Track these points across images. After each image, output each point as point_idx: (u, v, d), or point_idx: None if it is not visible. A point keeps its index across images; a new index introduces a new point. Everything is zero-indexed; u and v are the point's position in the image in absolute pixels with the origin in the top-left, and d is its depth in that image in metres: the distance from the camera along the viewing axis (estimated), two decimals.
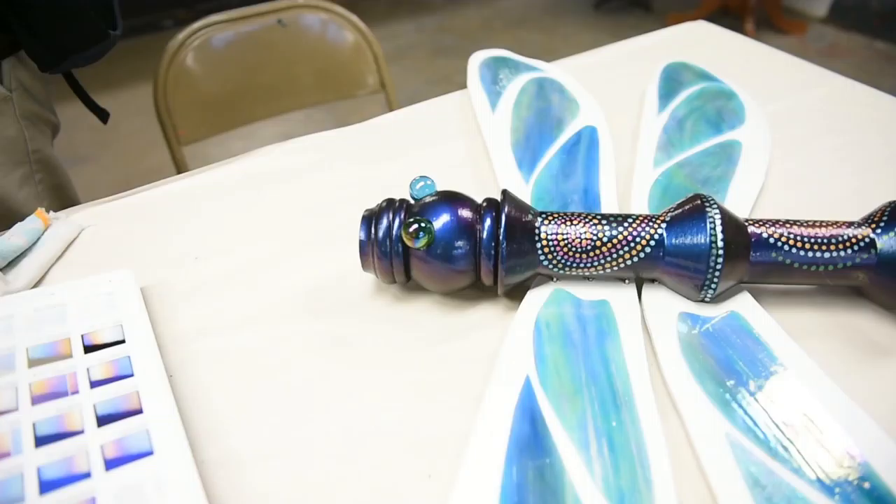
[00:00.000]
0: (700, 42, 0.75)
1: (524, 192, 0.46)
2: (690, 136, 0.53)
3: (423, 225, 0.36)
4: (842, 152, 0.54)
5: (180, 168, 0.87)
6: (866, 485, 0.29)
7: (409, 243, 0.36)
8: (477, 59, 0.65)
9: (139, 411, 0.33)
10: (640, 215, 0.38)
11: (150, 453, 0.31)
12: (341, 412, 0.34)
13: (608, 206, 0.45)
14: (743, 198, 0.46)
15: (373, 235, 0.38)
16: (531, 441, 0.30)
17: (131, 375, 0.35)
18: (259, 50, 0.90)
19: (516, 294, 0.40)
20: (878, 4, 2.33)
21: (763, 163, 0.50)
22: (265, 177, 0.53)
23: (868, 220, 0.38)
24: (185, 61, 0.85)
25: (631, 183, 0.48)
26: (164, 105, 0.84)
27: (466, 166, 0.53)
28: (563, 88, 0.59)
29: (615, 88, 0.63)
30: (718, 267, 0.35)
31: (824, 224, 0.37)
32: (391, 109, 0.92)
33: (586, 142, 0.51)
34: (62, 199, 0.67)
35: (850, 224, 0.38)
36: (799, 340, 0.37)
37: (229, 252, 0.45)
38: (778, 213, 0.46)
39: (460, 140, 0.57)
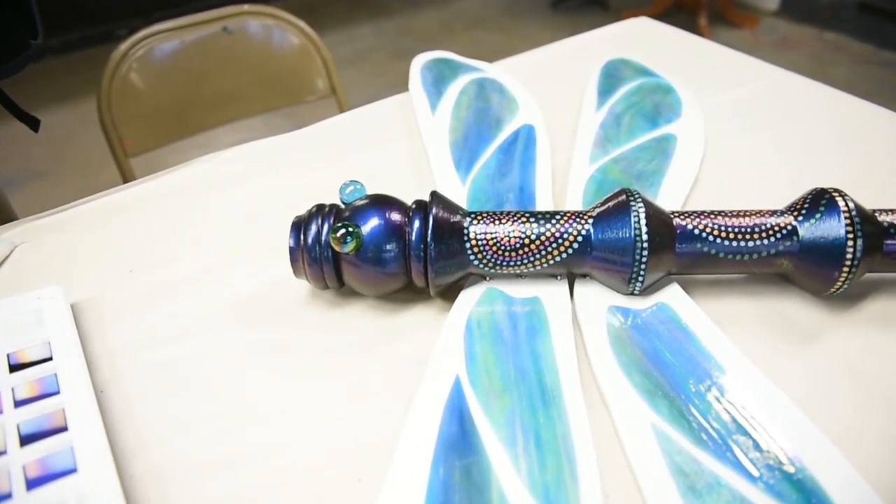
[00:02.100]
0: (642, 38, 0.76)
1: (461, 193, 0.46)
2: (627, 132, 0.53)
3: (350, 229, 0.36)
4: (777, 143, 0.55)
5: (128, 180, 0.85)
6: (790, 470, 0.29)
7: (337, 248, 0.36)
8: (419, 62, 0.65)
9: (64, 429, 0.32)
10: (568, 212, 0.38)
11: (73, 471, 0.30)
12: (274, 421, 0.34)
13: (543, 203, 0.45)
14: (676, 190, 0.47)
15: (302, 242, 0.37)
16: (459, 440, 0.30)
17: (57, 393, 0.34)
18: (205, 58, 0.89)
19: (451, 294, 0.40)
20: None
21: (697, 156, 0.51)
22: (203, 186, 0.52)
23: (791, 209, 0.39)
24: (129, 72, 0.84)
25: (567, 180, 0.49)
26: (108, 117, 0.83)
27: (408, 168, 0.53)
28: (503, 88, 0.59)
29: (557, 86, 0.64)
30: (644, 260, 0.36)
31: (748, 214, 0.38)
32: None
33: (523, 140, 0.51)
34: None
35: (773, 213, 0.38)
36: (728, 328, 0.37)
37: (165, 264, 0.45)
38: (712, 204, 0.46)
39: (402, 142, 0.57)
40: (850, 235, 0.36)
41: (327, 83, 0.93)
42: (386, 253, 0.37)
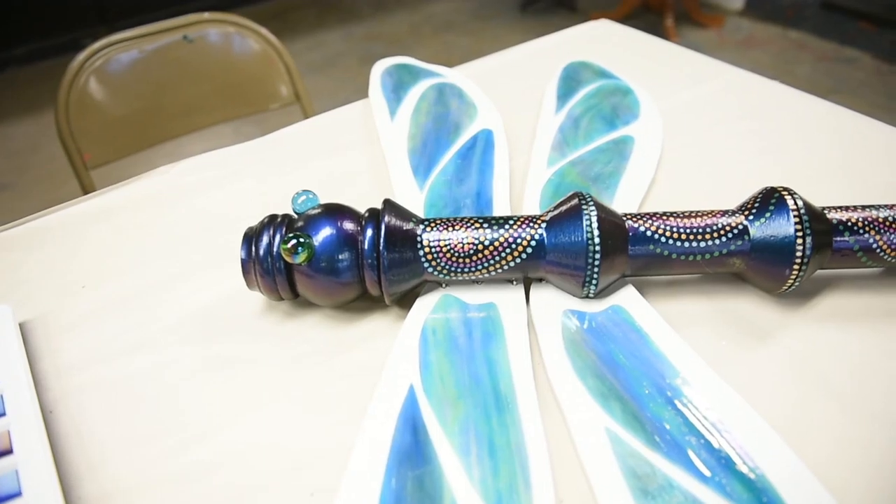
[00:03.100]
0: (602, 40, 0.76)
1: (418, 199, 0.46)
2: (585, 134, 0.53)
3: (301, 240, 0.35)
4: (733, 142, 0.56)
5: (89, 193, 0.84)
6: (742, 469, 0.29)
7: (288, 259, 0.35)
8: (379, 68, 0.64)
9: (9, 452, 0.31)
10: (522, 217, 0.38)
11: (18, 494, 0.29)
12: (228, 435, 0.34)
13: (500, 208, 0.45)
14: (633, 192, 0.47)
15: (254, 253, 0.37)
16: (412, 450, 0.30)
17: (3, 415, 0.33)
18: (166, 67, 0.88)
19: (408, 302, 0.39)
20: None
21: (654, 157, 0.52)
22: (160, 197, 0.51)
23: (742, 208, 0.39)
24: (87, 83, 0.83)
25: (525, 184, 0.49)
26: (66, 129, 0.81)
27: (367, 176, 0.53)
28: (462, 93, 0.59)
29: (518, 90, 0.64)
30: (597, 263, 0.36)
31: (700, 214, 0.39)
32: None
33: (482, 145, 0.51)
34: None
35: (724, 213, 0.39)
36: (682, 329, 0.38)
37: (118, 278, 0.44)
38: (669, 204, 0.47)
39: (362, 149, 0.56)
40: (800, 233, 0.36)
41: (291, 90, 0.93)
42: (339, 262, 0.36)
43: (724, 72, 0.68)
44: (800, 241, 0.36)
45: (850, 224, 0.39)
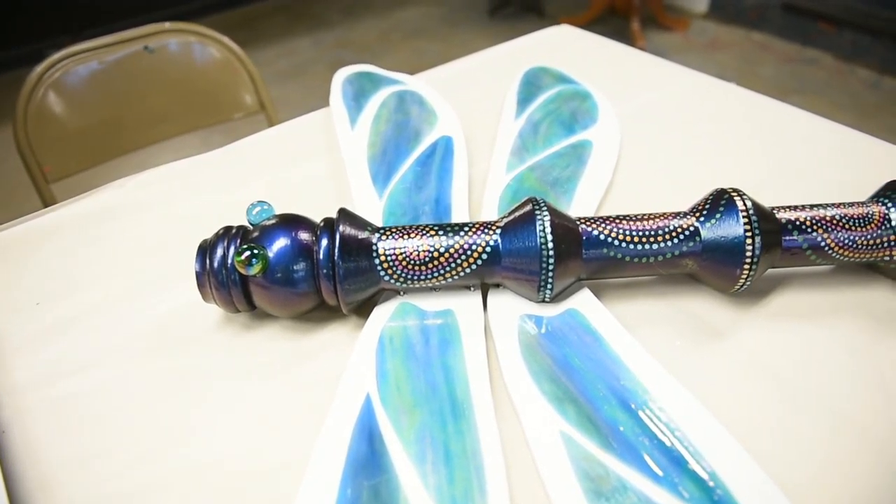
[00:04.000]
0: (563, 46, 0.77)
1: (377, 207, 0.46)
2: (544, 139, 0.54)
3: (255, 251, 0.35)
4: (689, 144, 0.57)
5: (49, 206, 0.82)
6: (695, 469, 0.30)
7: (242, 271, 0.35)
8: (341, 76, 0.64)
9: None
10: (477, 223, 0.38)
11: None
12: (186, 449, 0.33)
13: (459, 215, 0.45)
14: (590, 196, 0.48)
15: (208, 266, 0.37)
16: (368, 460, 0.30)
17: None
18: (127, 78, 0.87)
19: (366, 310, 0.39)
20: None
21: (611, 161, 0.52)
22: (116, 211, 0.51)
23: (693, 210, 0.40)
24: (46, 95, 0.81)
25: (484, 190, 0.49)
26: (25, 142, 0.80)
27: (328, 184, 0.53)
28: (422, 100, 0.59)
29: (480, 96, 0.64)
30: (551, 267, 0.36)
31: (652, 217, 0.39)
32: None
33: (441, 152, 0.51)
34: None
35: (676, 215, 0.39)
36: (638, 330, 0.38)
37: (72, 295, 0.43)
38: (626, 207, 0.47)
39: (323, 158, 0.56)
40: (749, 234, 0.37)
41: (256, 99, 0.92)
42: (295, 273, 0.36)
43: (681, 75, 0.69)
44: (749, 241, 0.37)
45: (798, 223, 0.39)
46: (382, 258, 0.37)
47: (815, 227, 0.39)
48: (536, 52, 0.74)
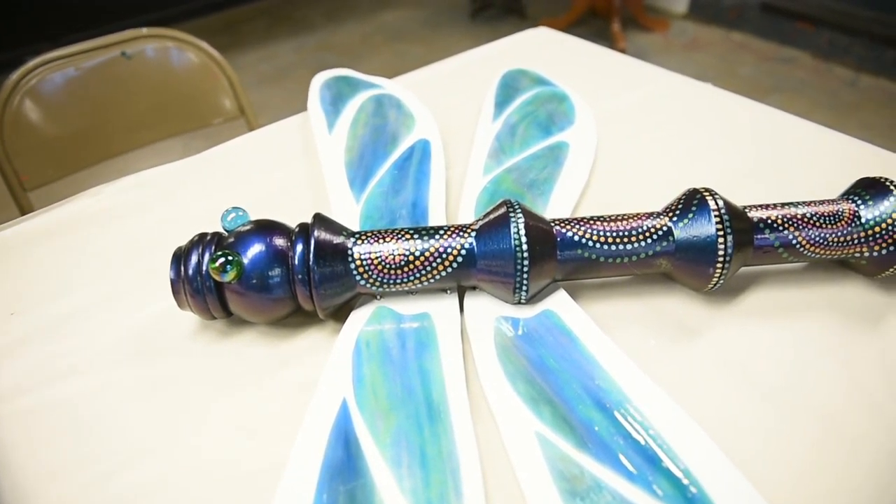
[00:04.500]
0: (541, 48, 0.77)
1: (354, 212, 0.46)
2: (521, 142, 0.54)
3: (230, 258, 0.35)
4: (665, 145, 0.57)
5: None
6: (669, 467, 0.30)
7: (217, 277, 0.35)
8: (319, 80, 0.64)
9: None
10: (452, 226, 0.38)
11: None
12: (161, 458, 0.33)
13: (436, 218, 0.45)
14: (566, 197, 0.48)
15: (183, 273, 0.37)
16: (344, 464, 0.30)
17: None
18: (105, 85, 0.86)
19: (344, 315, 0.39)
20: None
21: (588, 162, 0.53)
22: (93, 218, 0.50)
23: (666, 210, 0.40)
24: (23, 102, 0.81)
25: (462, 193, 0.49)
26: (1, 151, 0.79)
27: (305, 190, 0.53)
28: (400, 104, 0.59)
29: (458, 99, 0.65)
30: (526, 269, 0.36)
31: (626, 217, 0.39)
32: None
33: (418, 155, 0.52)
34: None
35: (650, 215, 0.40)
36: (613, 330, 0.38)
37: (47, 304, 0.43)
38: (603, 208, 0.48)
39: (301, 163, 0.56)
40: (721, 233, 0.38)
41: (235, 104, 0.92)
42: (270, 279, 0.36)
43: (657, 76, 0.69)
44: (721, 240, 0.37)
45: (770, 222, 0.40)
46: (358, 262, 0.37)
47: (786, 226, 0.40)
48: (515, 54, 0.74)
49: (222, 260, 0.35)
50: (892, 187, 0.40)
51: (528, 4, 2.64)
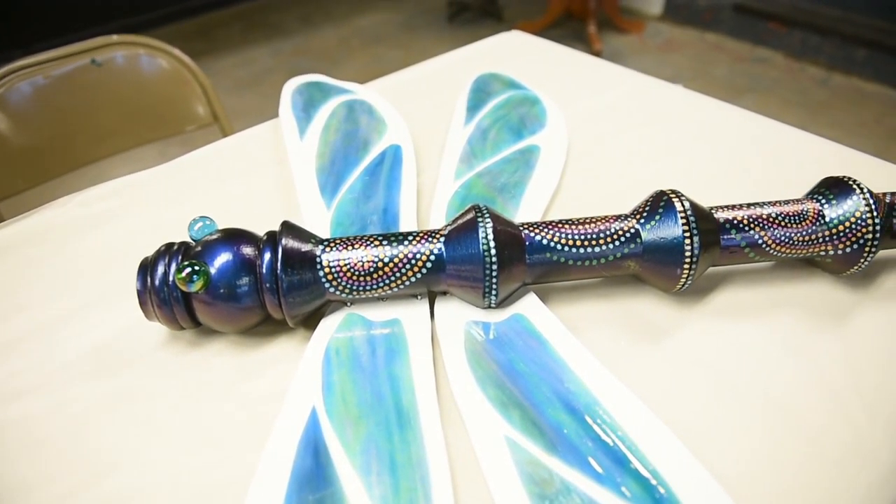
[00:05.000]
0: (514, 51, 0.77)
1: (325, 218, 0.46)
2: (492, 145, 0.54)
3: (196, 268, 0.35)
4: (637, 146, 0.58)
5: None
6: (638, 468, 0.30)
7: (183, 288, 0.35)
8: (290, 86, 0.64)
9: None
10: (421, 232, 0.38)
11: None
12: (127, 472, 0.33)
13: (407, 223, 0.45)
14: (537, 200, 0.48)
15: (149, 284, 0.36)
16: (313, 474, 0.30)
17: None
18: (75, 93, 0.85)
19: (315, 322, 0.39)
20: (704, 0, 2.52)
21: (559, 165, 0.53)
22: (59, 230, 0.50)
23: (634, 213, 0.40)
24: None
25: (433, 197, 0.49)
26: None
27: (276, 197, 0.52)
28: (372, 109, 0.59)
29: (430, 103, 0.65)
30: (494, 274, 0.37)
31: (594, 220, 0.40)
32: None
33: (390, 161, 0.51)
34: None
35: (617, 218, 0.40)
36: (584, 332, 0.39)
37: (13, 317, 0.42)
38: (574, 211, 0.48)
39: (272, 170, 0.56)
40: (687, 234, 0.38)
41: (209, 110, 0.91)
42: (239, 288, 0.36)
43: (628, 78, 0.70)
44: (688, 241, 0.38)
45: (736, 222, 0.40)
46: (327, 270, 0.37)
47: (752, 226, 0.40)
48: (487, 58, 0.75)
49: (189, 270, 0.35)
50: (854, 186, 0.41)
51: (504, 7, 2.66)
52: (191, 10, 2.67)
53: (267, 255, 0.36)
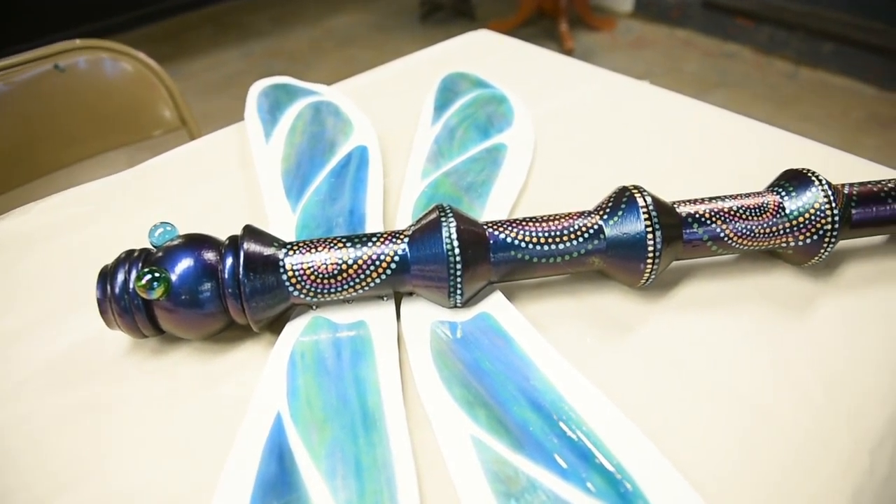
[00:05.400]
0: (482, 50, 0.78)
1: (290, 222, 0.45)
2: (459, 145, 0.54)
3: (157, 274, 0.34)
4: (604, 143, 0.58)
5: None
6: (603, 463, 0.31)
7: (144, 295, 0.34)
8: (256, 89, 0.63)
9: None
10: (385, 233, 0.38)
11: None
12: (93, 484, 0.32)
13: (373, 225, 0.45)
14: (504, 199, 0.48)
15: (109, 292, 0.36)
16: (277, 479, 0.30)
17: None
18: (37, 99, 0.84)
19: (280, 326, 0.39)
20: None
21: (525, 163, 0.53)
22: (20, 239, 0.49)
23: (597, 209, 0.41)
24: None
25: (400, 198, 0.49)
26: None
27: (242, 201, 0.52)
28: (338, 110, 0.59)
29: (398, 103, 0.64)
30: (459, 273, 0.37)
31: (557, 217, 0.40)
32: None
33: (356, 162, 0.51)
34: None
35: (581, 214, 0.40)
36: (550, 329, 0.39)
37: None
38: (541, 209, 0.48)
39: (238, 174, 0.55)
40: (650, 229, 0.38)
41: (176, 114, 0.90)
42: (201, 294, 0.36)
43: (595, 76, 0.70)
44: (650, 236, 0.38)
45: (698, 216, 0.41)
46: (290, 273, 0.37)
47: (714, 220, 0.41)
48: (456, 57, 0.75)
49: (149, 277, 0.34)
50: (813, 178, 0.42)
51: (477, 6, 2.66)
52: (160, 12, 2.64)
53: (229, 260, 0.36)
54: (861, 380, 0.37)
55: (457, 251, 0.36)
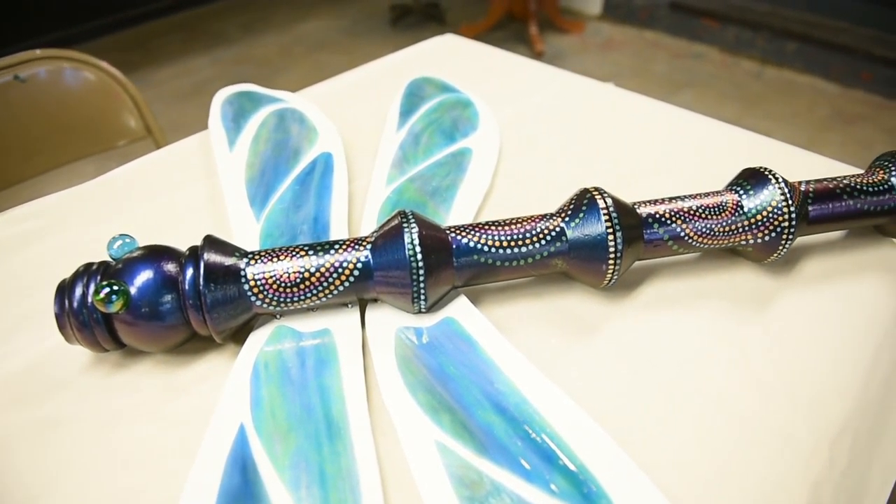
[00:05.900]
0: (448, 55, 0.78)
1: (254, 230, 0.45)
2: (425, 150, 0.54)
3: (115, 287, 0.34)
4: (569, 145, 0.59)
5: None
6: (566, 464, 0.31)
7: (102, 309, 0.34)
8: (220, 97, 0.63)
9: None
10: (347, 240, 0.38)
11: None
12: (55, 500, 0.32)
13: (338, 232, 0.45)
14: (469, 203, 0.48)
15: (67, 306, 0.35)
16: (241, 491, 0.30)
17: None
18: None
19: (244, 336, 0.39)
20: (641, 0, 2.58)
21: (490, 167, 0.53)
22: None
23: (559, 211, 0.41)
24: None
25: (365, 204, 0.49)
26: None
27: (205, 210, 0.51)
28: (303, 118, 0.59)
29: (364, 109, 0.64)
30: (422, 279, 0.37)
31: (520, 221, 0.40)
32: None
33: (321, 169, 0.51)
34: None
35: (543, 217, 0.41)
36: (515, 331, 0.39)
37: None
38: (506, 212, 0.48)
39: (202, 183, 0.55)
40: (610, 230, 0.39)
41: (141, 123, 0.89)
42: (162, 306, 0.35)
43: (560, 78, 0.71)
44: (611, 237, 0.39)
45: (658, 216, 0.41)
46: (252, 283, 0.36)
47: (674, 219, 0.41)
48: (422, 62, 0.75)
49: (107, 290, 0.34)
50: (770, 176, 0.42)
51: (447, 10, 2.67)
52: (129, 20, 2.61)
53: (189, 271, 0.35)
54: (820, 373, 0.38)
55: (419, 257, 0.36)
